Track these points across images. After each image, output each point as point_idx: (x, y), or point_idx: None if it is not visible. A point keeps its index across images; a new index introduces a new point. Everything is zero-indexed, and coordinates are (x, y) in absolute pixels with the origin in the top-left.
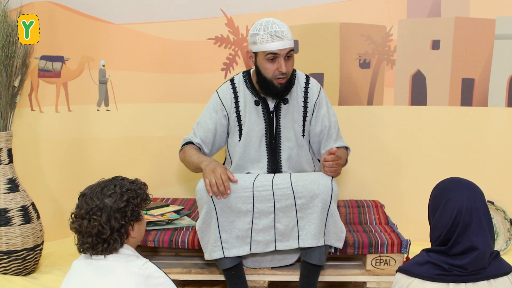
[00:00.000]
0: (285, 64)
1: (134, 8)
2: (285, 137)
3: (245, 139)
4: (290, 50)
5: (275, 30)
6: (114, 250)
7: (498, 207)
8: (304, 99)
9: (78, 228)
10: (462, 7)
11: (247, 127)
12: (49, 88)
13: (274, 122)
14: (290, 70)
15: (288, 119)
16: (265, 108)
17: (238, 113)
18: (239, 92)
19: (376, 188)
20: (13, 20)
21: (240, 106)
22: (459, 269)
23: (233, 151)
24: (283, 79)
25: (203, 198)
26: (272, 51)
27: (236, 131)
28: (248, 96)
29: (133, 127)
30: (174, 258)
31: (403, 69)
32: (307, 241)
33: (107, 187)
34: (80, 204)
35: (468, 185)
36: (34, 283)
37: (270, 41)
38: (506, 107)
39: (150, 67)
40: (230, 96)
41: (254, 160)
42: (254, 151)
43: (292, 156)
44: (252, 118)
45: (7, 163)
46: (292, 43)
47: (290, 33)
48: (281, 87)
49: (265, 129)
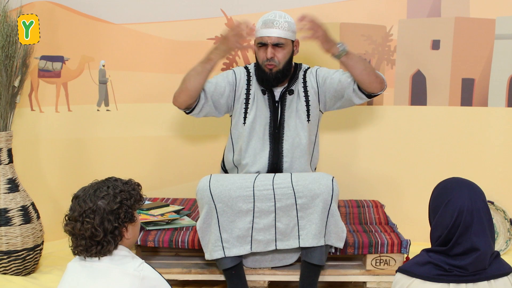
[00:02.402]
0: (273, 52)
1: (134, 8)
2: (288, 126)
3: (250, 125)
4: (279, 39)
5: (267, 19)
6: (108, 252)
7: (498, 207)
8: (303, 87)
9: (71, 230)
10: (462, 7)
11: (254, 113)
12: (49, 88)
13: (279, 112)
14: (280, 60)
15: (292, 109)
16: (271, 98)
17: (247, 95)
18: (252, 78)
19: (376, 188)
20: (13, 20)
21: (251, 91)
22: (459, 270)
23: (235, 133)
24: (270, 65)
25: (204, 198)
26: (261, 37)
27: (241, 113)
28: (257, 84)
29: (133, 127)
30: (174, 258)
31: (403, 69)
32: (308, 241)
33: (100, 188)
34: (73, 207)
35: (469, 185)
36: (34, 283)
37: (260, 28)
38: (506, 107)
39: (150, 67)
40: (244, 76)
41: (257, 147)
42: (257, 138)
43: (294, 145)
44: (259, 105)
45: (7, 163)
46: (284, 34)
47: (288, 25)
48: (271, 74)
49: (269, 118)
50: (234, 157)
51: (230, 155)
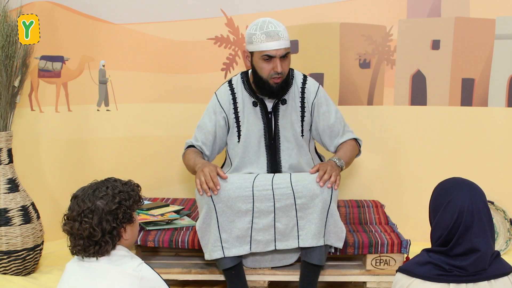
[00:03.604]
0: (281, 64)
1: (134, 8)
2: (284, 137)
3: (244, 140)
4: (286, 50)
5: (270, 30)
6: (106, 253)
7: (498, 207)
8: (301, 99)
9: (69, 230)
10: (462, 7)
11: (246, 128)
12: (49, 88)
13: (273, 123)
14: (286, 70)
15: (287, 119)
16: (263, 109)
17: (236, 114)
18: (237, 93)
19: (376, 188)
20: (13, 20)
21: (239, 107)
22: (459, 270)
23: (232, 152)
24: (278, 78)
25: (203, 198)
26: (268, 51)
27: (234, 132)
28: (246, 97)
29: (133, 127)
30: (174, 258)
31: (403, 69)
32: (307, 241)
33: (99, 189)
34: (72, 206)
35: (469, 186)
36: (34, 283)
37: (265, 41)
38: (506, 107)
39: (150, 67)
40: (228, 97)
41: (254, 161)
42: (253, 152)
43: (292, 156)
44: (250, 119)
45: (7, 163)
46: (288, 43)
47: (287, 33)
48: (277, 87)
49: (263, 129)
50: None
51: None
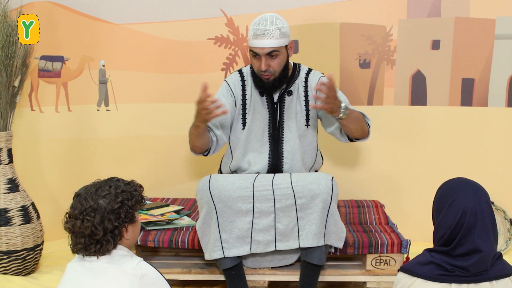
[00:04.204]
0: (267, 62)
1: (134, 8)
2: (288, 128)
3: (248, 128)
4: (272, 49)
5: (258, 28)
6: (107, 252)
7: (498, 207)
8: (304, 88)
9: (71, 228)
10: (462, 7)
11: (251, 116)
12: (49, 88)
13: (278, 113)
14: (275, 69)
15: (292, 110)
16: (270, 99)
17: (244, 101)
18: (247, 82)
19: (376, 188)
20: (13, 20)
21: (247, 95)
22: (461, 270)
23: (235, 139)
24: (267, 75)
25: (203, 198)
26: (253, 48)
27: (239, 119)
28: (253, 87)
29: (133, 127)
30: (174, 258)
31: (403, 69)
32: (308, 241)
33: (102, 188)
34: (74, 204)
35: (473, 186)
36: (34, 283)
37: (252, 38)
38: (506, 107)
39: (150, 67)
40: (238, 83)
41: (256, 149)
42: (256, 140)
43: (295, 147)
44: (256, 107)
45: (7, 163)
46: (277, 43)
47: (279, 32)
48: (268, 83)
49: (268, 119)
50: (232, 163)
51: (228, 162)
